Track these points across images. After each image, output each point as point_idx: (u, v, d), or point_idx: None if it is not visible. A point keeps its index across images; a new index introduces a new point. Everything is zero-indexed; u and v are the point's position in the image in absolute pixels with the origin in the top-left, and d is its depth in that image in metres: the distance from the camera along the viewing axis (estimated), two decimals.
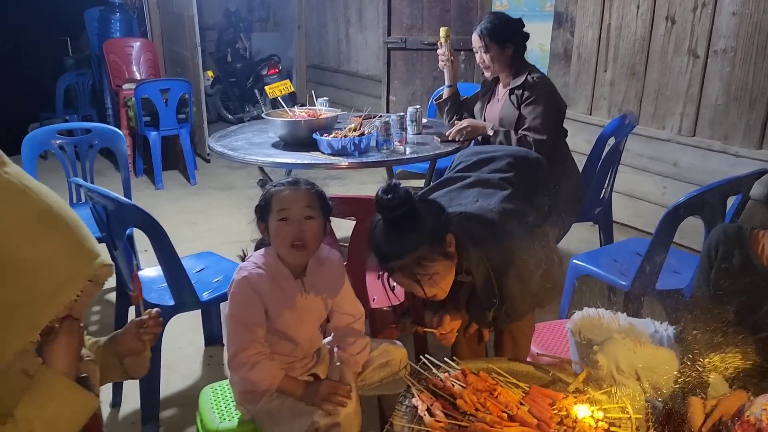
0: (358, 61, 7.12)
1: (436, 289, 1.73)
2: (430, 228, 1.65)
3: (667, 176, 3.79)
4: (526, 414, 1.69)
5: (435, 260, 1.67)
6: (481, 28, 2.79)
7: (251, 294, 1.69)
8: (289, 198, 1.70)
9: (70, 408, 1.12)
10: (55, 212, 1.06)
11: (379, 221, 1.67)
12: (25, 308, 1.00)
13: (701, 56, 3.49)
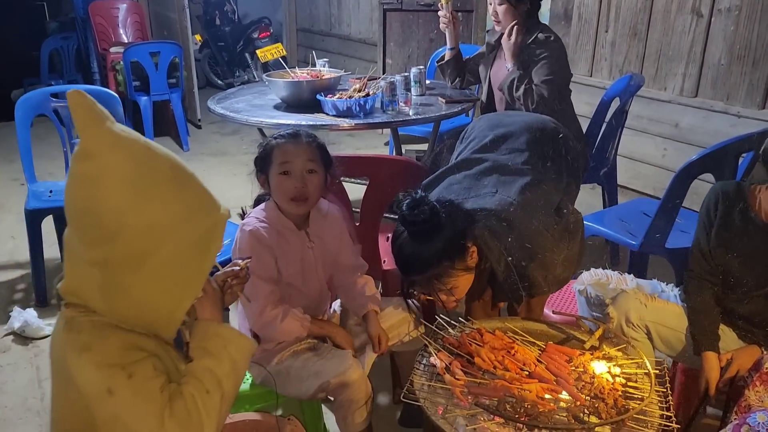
0: (350, 24, 6.98)
1: (452, 298, 1.73)
2: (453, 243, 1.62)
3: (667, 138, 3.78)
4: (544, 371, 1.69)
5: (454, 275, 1.66)
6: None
7: (260, 247, 1.67)
8: (290, 151, 1.67)
9: (243, 353, 1.15)
10: (181, 165, 1.04)
11: (403, 232, 1.65)
12: (189, 262, 1.00)
13: (705, 15, 3.45)
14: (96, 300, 0.99)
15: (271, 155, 1.68)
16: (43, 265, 2.89)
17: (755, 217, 1.74)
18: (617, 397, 1.60)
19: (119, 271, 0.96)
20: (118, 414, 0.98)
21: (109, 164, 0.94)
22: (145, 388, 0.99)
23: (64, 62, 6.47)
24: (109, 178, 0.94)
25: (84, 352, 0.97)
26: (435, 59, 4.00)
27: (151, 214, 0.96)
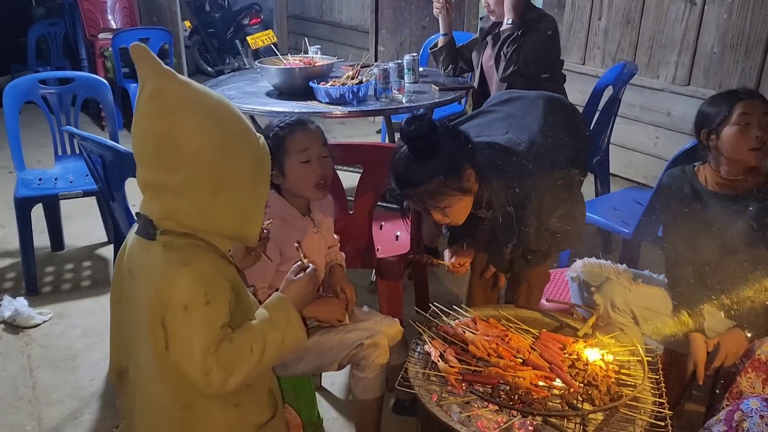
0: (341, 11, 6.93)
1: (447, 219, 1.73)
2: (449, 161, 1.63)
3: (659, 126, 3.79)
4: (538, 358, 1.70)
5: (447, 194, 1.66)
6: None
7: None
8: (307, 139, 1.68)
9: (294, 341, 1.26)
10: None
11: (402, 146, 1.66)
12: (253, 175, 1.14)
13: (698, 3, 3.45)
14: (192, 216, 1.11)
15: (284, 145, 1.66)
16: (33, 254, 2.87)
17: (703, 189, 1.85)
18: (610, 384, 1.61)
19: (204, 185, 1.09)
20: (180, 328, 1.09)
21: (182, 96, 1.07)
22: (211, 319, 1.11)
23: (51, 49, 6.37)
24: (185, 107, 1.06)
25: (183, 266, 1.09)
26: (428, 46, 3.99)
27: (220, 134, 1.08)
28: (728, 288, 1.87)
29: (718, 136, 1.76)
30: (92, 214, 3.47)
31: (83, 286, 2.98)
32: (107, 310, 2.63)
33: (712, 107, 1.78)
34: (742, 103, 1.72)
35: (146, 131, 1.08)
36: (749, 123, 1.70)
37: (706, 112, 1.81)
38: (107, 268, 3.14)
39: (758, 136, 1.70)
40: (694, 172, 1.89)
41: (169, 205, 1.10)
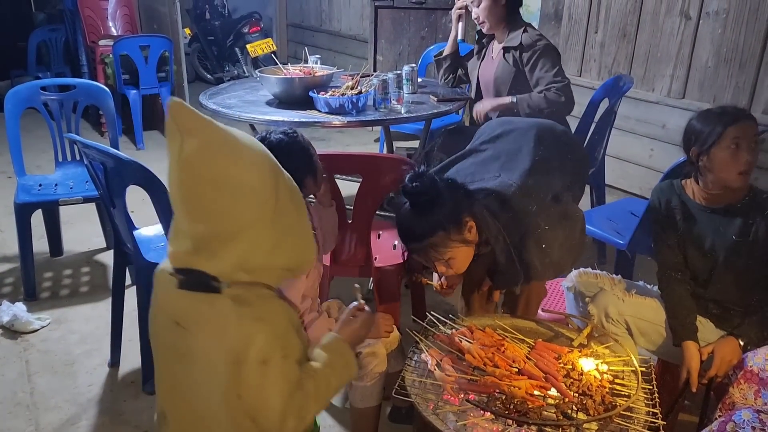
0: (340, 20, 6.98)
1: (451, 271, 1.78)
2: (449, 214, 1.69)
3: (654, 138, 3.83)
4: (533, 368, 1.72)
5: (450, 246, 1.72)
6: None
7: None
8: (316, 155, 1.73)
9: (346, 381, 1.34)
10: None
11: (405, 203, 1.72)
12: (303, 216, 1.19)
13: (693, 18, 3.49)
14: (258, 257, 1.10)
15: (313, 154, 1.74)
16: (32, 259, 2.88)
17: (691, 202, 1.89)
18: (605, 394, 1.63)
19: (264, 223, 1.09)
20: (258, 383, 1.11)
21: (227, 141, 1.06)
22: (288, 371, 1.14)
23: (51, 54, 6.40)
24: (233, 151, 1.06)
25: (258, 322, 1.10)
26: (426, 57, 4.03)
27: (267, 169, 1.10)
28: (719, 298, 1.91)
29: (708, 156, 1.78)
30: (91, 220, 3.49)
31: (81, 292, 2.99)
32: (105, 316, 2.66)
33: (703, 126, 1.80)
34: (734, 127, 1.74)
35: (198, 183, 1.06)
36: (740, 147, 1.73)
37: (696, 129, 1.82)
38: (105, 274, 3.15)
39: (748, 160, 1.73)
40: (682, 185, 1.93)
41: (235, 254, 1.09)
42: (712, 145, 1.76)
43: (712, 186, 1.83)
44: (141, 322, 2.25)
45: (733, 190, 1.80)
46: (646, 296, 2.00)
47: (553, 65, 2.71)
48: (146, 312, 2.18)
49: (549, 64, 2.71)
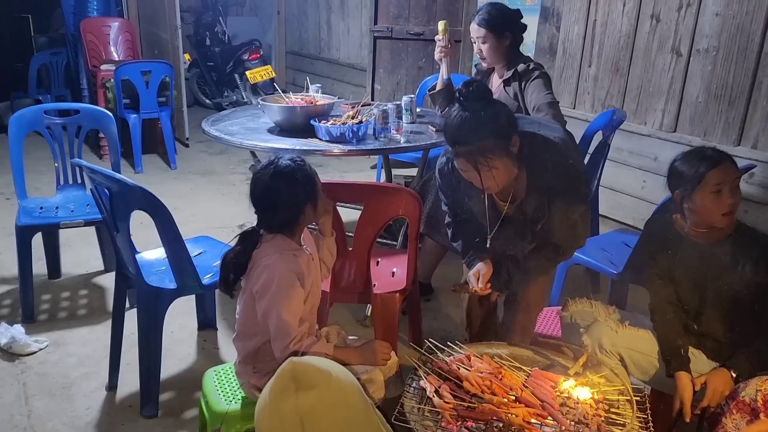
0: (339, 49, 7.10)
1: (492, 182, 1.85)
2: (501, 124, 1.81)
3: (647, 170, 3.90)
4: (530, 396, 1.75)
5: (498, 155, 1.80)
6: (480, 18, 2.79)
7: (295, 281, 1.70)
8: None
9: None
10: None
11: (455, 110, 1.82)
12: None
13: (684, 54, 3.60)
14: None
15: (316, 180, 1.77)
16: (32, 281, 2.89)
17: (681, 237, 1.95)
18: (600, 423, 1.66)
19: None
20: None
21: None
22: None
23: (52, 77, 6.47)
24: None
25: None
26: (424, 86, 4.10)
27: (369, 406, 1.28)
28: (710, 331, 1.95)
29: (691, 200, 1.83)
30: (89, 243, 3.51)
31: (79, 315, 3.00)
32: (102, 339, 2.69)
33: (686, 168, 1.84)
34: (714, 172, 1.78)
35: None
36: (721, 191, 1.78)
37: (679, 172, 1.87)
38: (103, 296, 3.17)
39: (730, 203, 1.79)
40: (673, 220, 1.98)
41: None
42: (694, 189, 1.81)
43: (698, 225, 1.89)
44: (141, 345, 2.26)
45: (720, 227, 1.86)
46: (639, 327, 2.04)
47: (546, 87, 2.78)
48: (146, 335, 2.21)
49: (542, 85, 2.78)
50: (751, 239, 1.89)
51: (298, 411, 1.08)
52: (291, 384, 1.07)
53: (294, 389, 1.07)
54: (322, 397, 1.09)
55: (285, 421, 1.10)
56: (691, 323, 1.98)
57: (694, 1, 3.50)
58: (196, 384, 2.46)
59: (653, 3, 3.72)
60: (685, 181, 1.84)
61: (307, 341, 1.76)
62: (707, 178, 1.79)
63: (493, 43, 2.79)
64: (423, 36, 4.98)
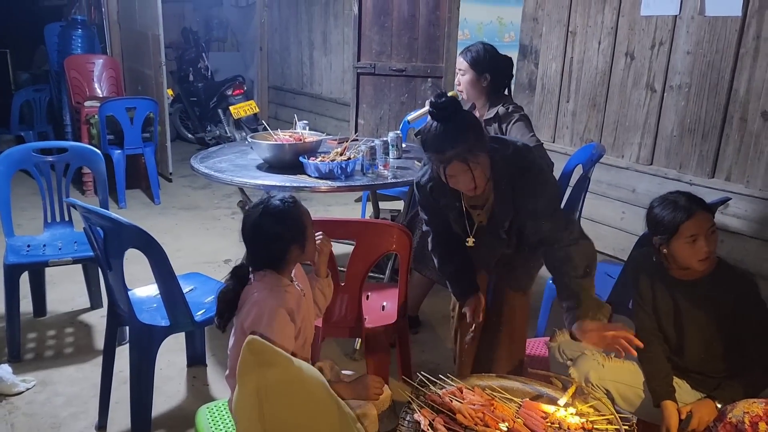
0: (321, 84, 7.21)
1: (481, 179, 2.01)
2: (476, 124, 2.03)
3: (625, 202, 4.01)
4: (522, 426, 1.79)
5: (482, 151, 1.98)
6: (467, 52, 2.89)
7: (285, 318, 1.71)
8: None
9: None
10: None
11: (432, 125, 1.98)
12: None
13: (658, 90, 3.74)
14: None
15: (305, 220, 1.80)
16: (19, 320, 2.88)
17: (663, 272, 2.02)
18: None
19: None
20: None
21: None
22: None
23: (35, 114, 6.47)
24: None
25: None
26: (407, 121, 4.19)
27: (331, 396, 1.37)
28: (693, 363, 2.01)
29: (668, 247, 1.93)
30: (74, 280, 3.50)
31: (66, 353, 2.98)
32: (90, 378, 2.68)
33: (663, 214, 1.92)
34: (688, 224, 1.87)
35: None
36: (697, 240, 1.87)
37: (657, 219, 1.95)
38: (90, 334, 3.15)
39: (706, 250, 1.87)
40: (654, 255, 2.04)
41: None
42: (670, 239, 1.91)
43: (677, 266, 1.97)
44: (132, 382, 2.26)
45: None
46: (625, 360, 2.09)
47: (529, 130, 2.87)
48: (138, 372, 2.21)
49: (525, 128, 2.87)
50: (730, 277, 1.97)
51: (257, 385, 1.10)
52: (251, 357, 1.11)
53: (254, 363, 1.10)
54: (282, 377, 1.11)
55: (245, 396, 1.12)
56: (674, 357, 2.04)
57: (666, 39, 3.66)
58: (186, 421, 2.45)
59: (627, 41, 3.87)
60: (662, 229, 1.92)
61: None
62: (681, 229, 1.88)
63: (472, 79, 2.88)
64: (405, 72, 5.09)
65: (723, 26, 3.36)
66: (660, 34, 3.68)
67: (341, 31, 6.67)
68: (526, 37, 4.54)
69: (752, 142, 3.31)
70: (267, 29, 7.93)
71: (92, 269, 3.31)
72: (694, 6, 3.48)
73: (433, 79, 5.06)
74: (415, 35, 5.05)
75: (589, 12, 4.07)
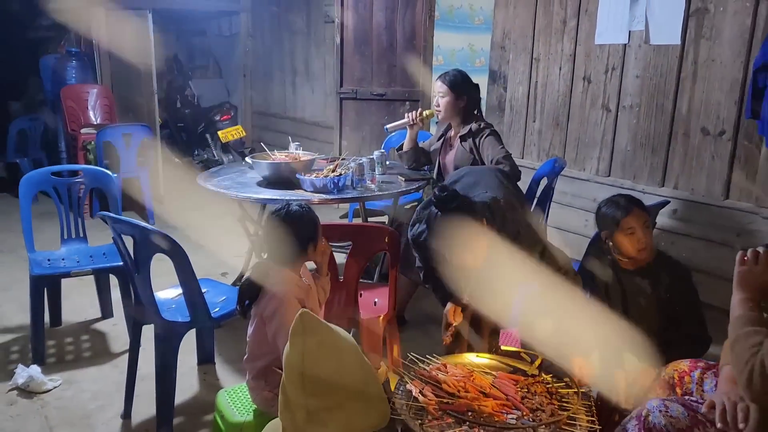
0: (304, 108, 7.59)
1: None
2: (477, 211, 2.28)
3: (587, 210, 4.42)
4: (497, 392, 2.15)
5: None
6: (446, 77, 3.31)
7: (297, 305, 2.05)
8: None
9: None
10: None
11: (437, 215, 2.23)
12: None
13: (612, 110, 4.18)
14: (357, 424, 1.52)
15: (318, 224, 2.17)
16: (43, 327, 3.17)
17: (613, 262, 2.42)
18: (553, 409, 2.06)
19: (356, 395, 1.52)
20: None
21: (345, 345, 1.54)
22: None
23: (30, 141, 6.73)
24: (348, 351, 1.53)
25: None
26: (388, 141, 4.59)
27: (361, 361, 1.57)
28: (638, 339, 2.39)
29: (612, 240, 2.35)
30: (83, 293, 3.79)
31: (85, 357, 3.27)
32: (111, 376, 2.98)
33: (608, 212, 2.36)
34: (626, 219, 2.30)
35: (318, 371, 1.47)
36: (634, 233, 2.29)
37: (602, 216, 2.38)
38: (105, 340, 3.44)
39: (642, 241, 2.29)
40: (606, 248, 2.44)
41: (340, 422, 1.47)
42: (613, 232, 2.33)
43: (622, 256, 2.38)
44: (158, 371, 2.56)
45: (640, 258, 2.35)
46: None
47: (498, 143, 3.28)
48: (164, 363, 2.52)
49: (495, 141, 3.27)
50: (667, 266, 2.38)
51: (302, 349, 1.44)
52: (300, 326, 1.44)
53: (302, 330, 1.44)
54: (323, 342, 1.45)
55: (293, 354, 1.45)
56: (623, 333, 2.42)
57: (618, 65, 4.11)
58: (203, 409, 2.76)
59: (584, 67, 4.32)
60: (607, 224, 2.34)
61: None
62: (621, 223, 2.31)
63: (451, 101, 3.30)
64: (385, 96, 5.51)
65: (665, 53, 3.82)
66: (612, 60, 4.13)
67: (323, 59, 7.07)
68: (495, 63, 4.98)
69: (695, 154, 3.76)
70: (251, 57, 8.32)
71: (104, 281, 3.62)
72: (640, 35, 3.94)
73: (411, 102, 5.48)
74: (394, 62, 5.48)
75: (551, 41, 4.52)
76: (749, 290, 1.62)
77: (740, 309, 1.61)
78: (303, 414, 1.46)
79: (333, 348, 1.48)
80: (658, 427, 1.67)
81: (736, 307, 1.63)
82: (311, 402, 1.46)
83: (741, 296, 1.62)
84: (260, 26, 8.10)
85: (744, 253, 1.64)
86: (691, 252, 3.77)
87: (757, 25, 3.37)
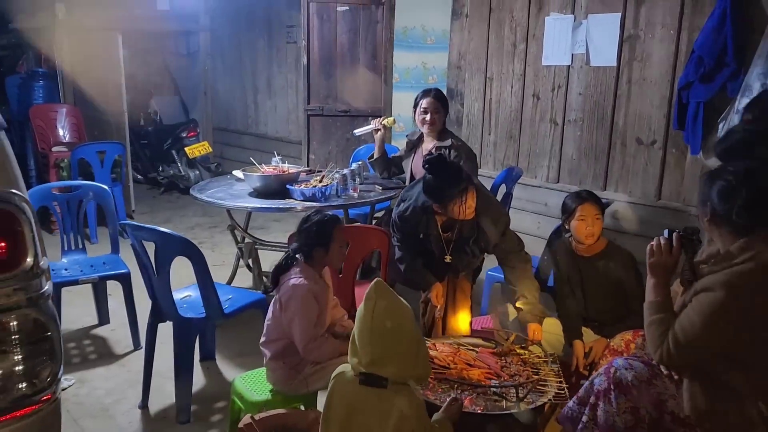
0: (267, 125, 7.89)
1: (472, 207, 2.83)
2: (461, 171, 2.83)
3: (540, 214, 4.92)
4: (480, 363, 2.56)
5: (472, 184, 2.80)
6: (437, 95, 3.81)
7: (312, 299, 2.43)
8: (344, 233, 2.56)
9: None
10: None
11: (430, 179, 2.79)
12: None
13: (559, 124, 4.70)
14: (408, 368, 1.88)
15: (332, 234, 2.50)
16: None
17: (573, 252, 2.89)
18: (528, 375, 2.49)
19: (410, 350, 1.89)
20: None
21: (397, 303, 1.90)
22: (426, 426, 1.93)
23: None
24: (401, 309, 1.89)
25: (407, 402, 1.85)
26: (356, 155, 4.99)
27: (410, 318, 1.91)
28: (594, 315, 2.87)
29: (569, 225, 2.83)
30: (75, 304, 4.02)
31: (91, 359, 3.50)
32: (120, 375, 3.27)
33: (569, 200, 2.86)
34: (580, 207, 2.80)
35: (382, 327, 1.82)
36: (585, 220, 2.77)
37: (565, 203, 2.87)
38: (107, 344, 3.68)
39: (591, 227, 2.77)
40: (567, 241, 2.91)
41: (396, 367, 1.83)
42: (569, 217, 2.81)
43: (577, 242, 2.83)
44: (177, 363, 2.86)
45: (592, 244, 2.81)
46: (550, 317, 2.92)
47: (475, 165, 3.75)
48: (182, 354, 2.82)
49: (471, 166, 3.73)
50: (617, 254, 2.85)
51: (373, 309, 1.82)
52: (373, 293, 1.83)
53: (374, 295, 1.83)
54: (389, 306, 1.84)
55: (366, 312, 1.84)
56: (582, 311, 2.89)
57: (563, 84, 4.63)
58: (214, 397, 3.07)
59: (534, 85, 4.83)
60: (566, 210, 2.80)
61: (321, 340, 2.48)
62: (576, 211, 2.77)
63: (442, 115, 3.77)
64: (349, 113, 5.90)
65: (604, 73, 4.36)
66: (558, 79, 4.66)
67: (285, 77, 7.41)
68: (452, 81, 5.45)
69: (631, 162, 4.30)
70: (210, 74, 8.56)
71: (100, 290, 3.86)
72: (581, 58, 4.47)
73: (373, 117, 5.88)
74: (357, 81, 5.88)
75: (503, 62, 5.02)
76: (659, 275, 2.02)
77: (651, 294, 2.02)
78: (368, 358, 1.84)
79: (396, 312, 1.87)
80: (624, 380, 2.03)
81: (650, 292, 2.04)
82: (375, 350, 1.84)
83: (653, 281, 2.04)
84: (220, 46, 8.36)
85: (652, 245, 2.04)
86: (630, 247, 4.23)
87: (680, 50, 3.93)
